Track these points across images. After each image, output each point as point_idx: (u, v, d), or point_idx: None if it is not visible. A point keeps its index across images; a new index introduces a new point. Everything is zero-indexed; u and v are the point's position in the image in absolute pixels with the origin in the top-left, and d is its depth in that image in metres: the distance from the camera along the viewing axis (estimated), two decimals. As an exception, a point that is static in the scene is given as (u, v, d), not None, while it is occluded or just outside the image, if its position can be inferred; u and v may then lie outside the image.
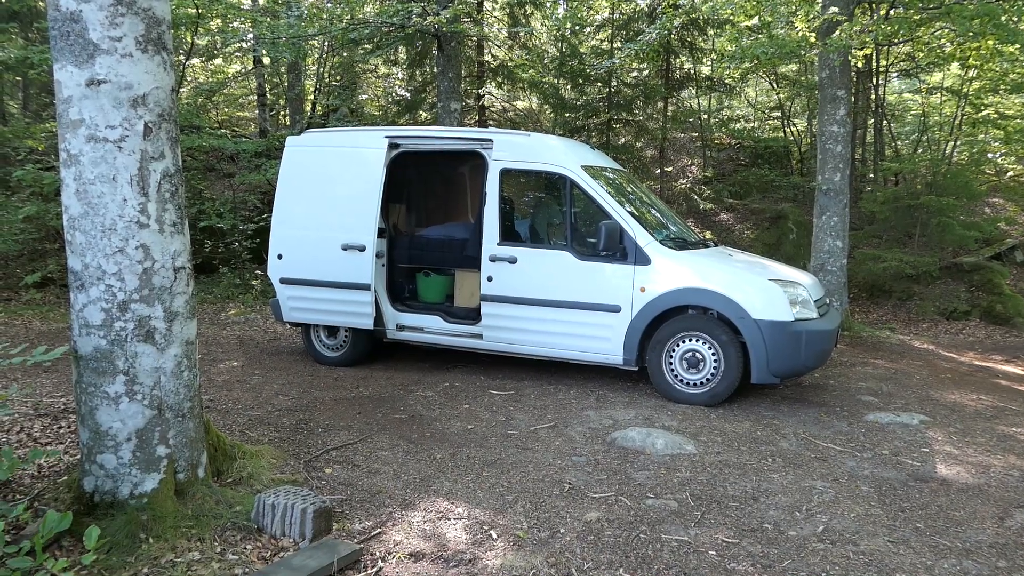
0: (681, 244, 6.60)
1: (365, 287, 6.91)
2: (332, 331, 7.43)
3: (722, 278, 6.07)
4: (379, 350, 7.52)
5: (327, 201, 7.16)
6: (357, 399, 6.18)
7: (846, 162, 10.04)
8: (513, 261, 6.53)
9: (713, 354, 6.03)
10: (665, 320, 6.16)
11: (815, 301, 6.23)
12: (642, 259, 6.18)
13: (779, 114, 17.64)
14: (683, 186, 15.81)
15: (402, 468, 4.62)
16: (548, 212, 7.01)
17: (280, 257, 7.36)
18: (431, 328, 7.09)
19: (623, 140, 14.69)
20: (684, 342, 6.12)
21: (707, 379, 6.06)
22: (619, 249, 6.20)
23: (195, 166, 13.39)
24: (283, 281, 7.35)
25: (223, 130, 15.54)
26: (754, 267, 6.56)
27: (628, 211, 6.38)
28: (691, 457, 4.86)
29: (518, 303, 6.55)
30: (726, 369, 5.98)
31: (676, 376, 6.15)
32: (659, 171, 15.03)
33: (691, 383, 6.10)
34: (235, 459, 4.26)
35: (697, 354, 6.08)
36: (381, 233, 7.17)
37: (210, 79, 18.55)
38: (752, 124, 19.30)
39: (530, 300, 6.51)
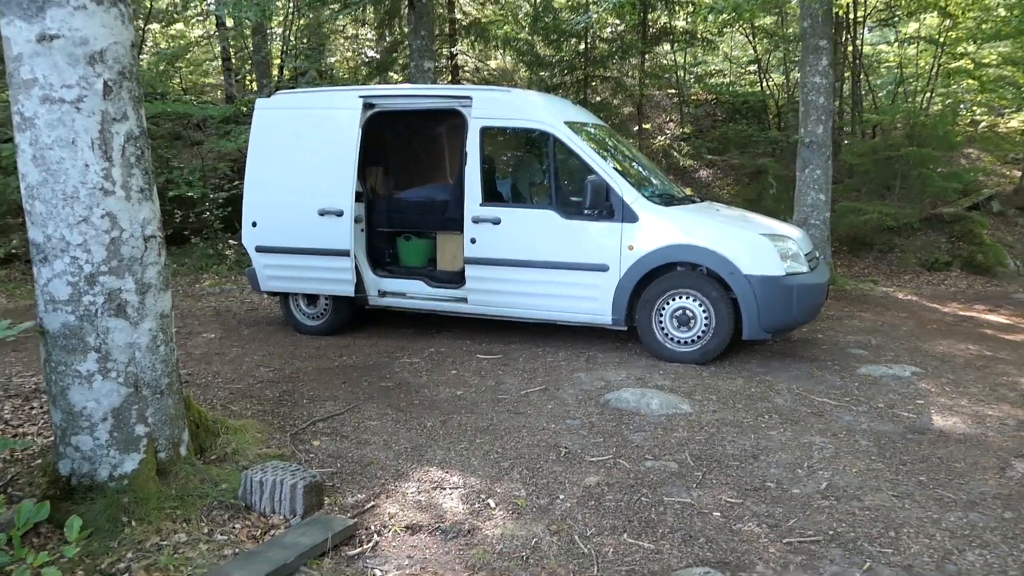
0: (668, 200, 6.45)
1: (344, 253, 6.70)
2: (312, 299, 7.22)
3: (711, 233, 5.94)
4: (361, 317, 7.34)
5: (301, 165, 6.90)
6: (341, 368, 6.02)
7: (829, 114, 9.91)
8: (496, 222, 6.35)
9: (703, 311, 5.93)
10: (654, 278, 6.04)
11: (805, 255, 6.13)
12: (629, 216, 6.02)
13: (755, 68, 17.44)
14: (661, 143, 15.63)
15: (392, 438, 4.48)
16: (531, 171, 6.82)
17: (254, 225, 7.11)
18: (414, 293, 6.92)
19: (600, 97, 14.44)
20: (674, 300, 6.00)
21: (698, 336, 5.96)
22: (605, 207, 6.04)
23: (160, 134, 12.95)
24: (259, 249, 7.11)
25: (188, 96, 15.06)
26: (743, 222, 6.44)
27: (613, 167, 6.21)
28: (687, 416, 4.77)
29: (503, 265, 6.39)
30: (717, 326, 5.89)
31: (667, 335, 6.05)
32: (637, 128, 14.82)
33: (682, 341, 6.01)
34: (218, 435, 4.09)
35: (687, 312, 5.97)
36: (359, 197, 6.94)
37: (171, 45, 17.93)
38: (728, 79, 19.09)
39: (515, 261, 6.35)
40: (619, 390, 5.17)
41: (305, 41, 17.41)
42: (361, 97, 6.77)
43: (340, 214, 6.68)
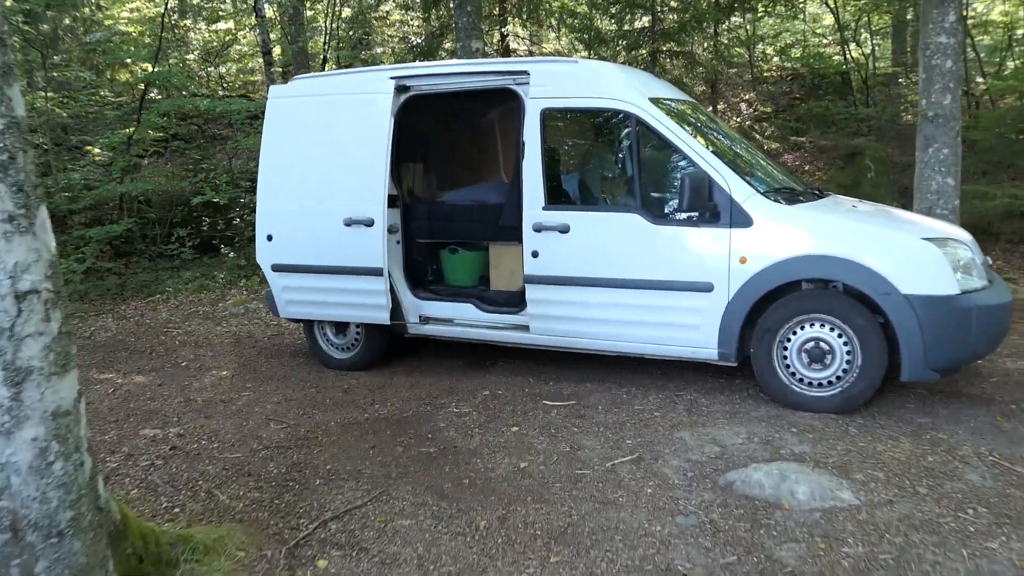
0: (789, 196, 4.95)
1: (376, 272, 5.41)
2: (340, 327, 5.96)
3: (855, 240, 4.45)
4: (399, 346, 6.04)
5: (323, 165, 5.63)
6: (371, 423, 4.73)
7: (958, 80, 8.20)
8: (564, 230, 4.96)
9: (845, 344, 4.44)
10: (774, 300, 4.57)
11: (980, 264, 4.58)
12: (741, 219, 4.56)
13: (837, 39, 15.59)
14: (739, 124, 13.98)
15: (431, 551, 3.15)
16: (608, 163, 5.40)
17: (270, 239, 5.87)
18: (463, 319, 5.58)
19: (670, 76, 12.86)
20: (803, 328, 4.53)
21: (837, 377, 4.48)
22: (708, 207, 4.59)
23: (188, 135, 11.95)
24: (275, 268, 5.87)
25: (231, 96, 14.05)
26: (894, 221, 4.92)
27: (717, 156, 4.74)
28: (853, 513, 3.31)
29: (573, 285, 5.00)
30: (864, 363, 4.39)
31: (793, 374, 4.58)
32: (711, 108, 13.22)
33: (815, 383, 4.53)
34: (177, 565, 2.82)
35: (822, 344, 4.48)
36: (393, 202, 5.64)
37: (213, 41, 17.03)
38: (810, 50, 17.24)
39: (589, 280, 4.95)
40: (745, 468, 3.73)
41: (351, 33, 16.27)
42: (393, 79, 5.45)
43: (370, 224, 5.39)
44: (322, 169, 5.63)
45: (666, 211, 4.85)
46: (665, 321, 4.82)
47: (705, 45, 12.94)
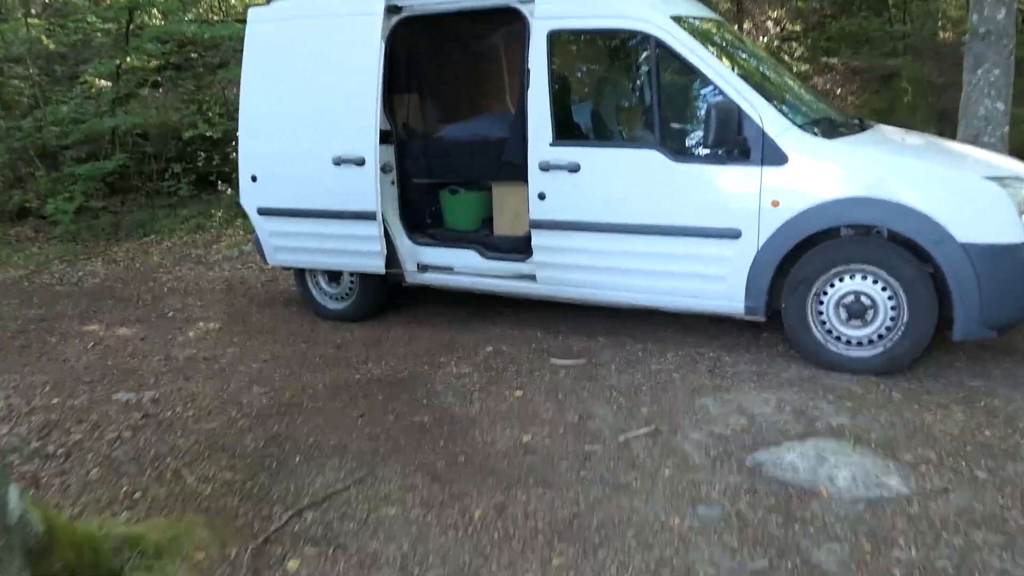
0: (828, 129, 4.36)
1: (369, 215, 4.93)
2: (334, 275, 5.52)
3: (903, 179, 3.89)
4: (398, 295, 5.60)
5: (308, 97, 5.10)
6: (363, 385, 4.33)
7: (1014, -8, 7.39)
8: (575, 169, 4.43)
9: (890, 297, 3.93)
10: (809, 248, 4.05)
11: (1048, 206, 4.02)
12: (773, 156, 4.00)
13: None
14: (766, 45, 13.09)
15: (417, 549, 2.77)
16: (623, 92, 4.80)
17: (254, 179, 5.39)
18: (464, 267, 5.11)
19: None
20: (841, 280, 4.02)
21: (879, 335, 3.99)
22: (737, 142, 4.03)
23: (188, 63, 11.32)
24: (261, 212, 5.41)
25: (215, 18, 13.28)
26: (950, 157, 4.33)
27: (747, 83, 4.14)
28: (903, 505, 2.87)
29: (584, 230, 4.50)
30: (911, 320, 3.89)
31: (829, 332, 4.09)
32: (736, 27, 12.34)
33: (854, 342, 4.04)
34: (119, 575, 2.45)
35: (863, 298, 3.98)
36: (386, 138, 5.11)
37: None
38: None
39: (602, 225, 4.44)
40: (777, 447, 3.28)
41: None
42: (383, -3, 4.84)
43: (361, 162, 4.88)
44: (307, 102, 5.10)
45: (689, 147, 4.30)
46: (686, 271, 4.32)
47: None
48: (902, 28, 13.34)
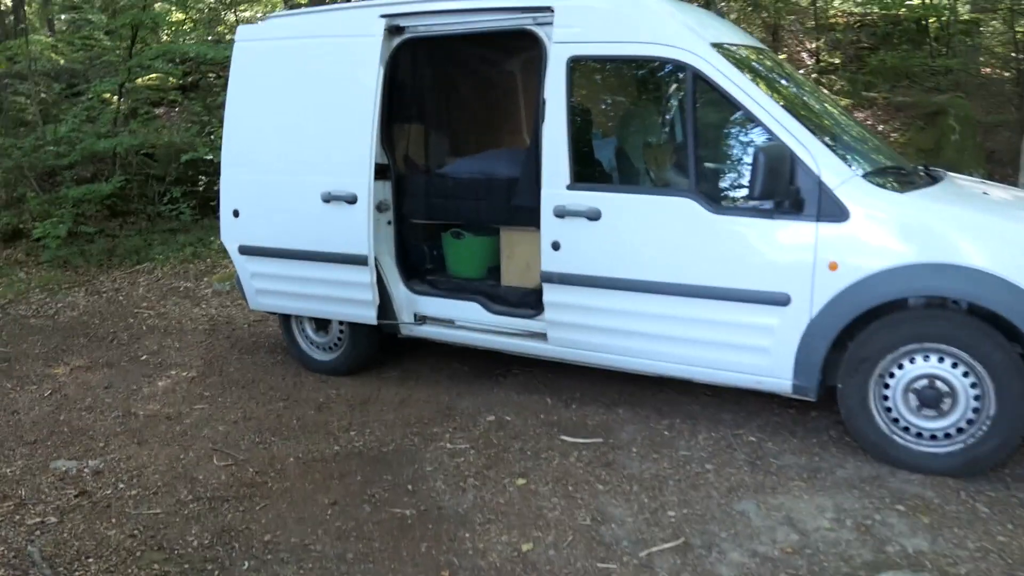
0: (897, 179, 3.72)
1: (360, 260, 4.35)
2: (321, 323, 4.92)
3: (990, 242, 3.25)
4: (394, 344, 4.99)
5: (297, 125, 4.55)
6: (340, 460, 3.70)
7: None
8: (595, 216, 3.81)
9: (972, 384, 3.26)
10: (874, 320, 3.39)
11: None
12: (832, 210, 3.36)
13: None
14: (806, 77, 12.46)
15: None
16: (653, 129, 4.20)
17: (236, 214, 4.84)
18: (466, 321, 4.48)
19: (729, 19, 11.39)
20: (912, 361, 3.35)
21: (959, 429, 3.31)
22: (789, 192, 3.39)
23: (197, 84, 10.93)
24: (243, 251, 4.84)
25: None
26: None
27: (801, 123, 3.52)
28: None
29: (604, 287, 3.87)
30: (999, 412, 3.21)
31: (896, 420, 3.42)
32: (771, 60, 11.73)
33: (926, 435, 3.37)
34: None
35: (938, 383, 3.31)
36: (383, 173, 4.53)
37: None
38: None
39: (625, 283, 3.81)
40: (841, 581, 2.62)
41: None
42: (384, 17, 4.30)
43: (353, 200, 4.31)
44: (296, 130, 4.55)
45: (729, 195, 3.68)
46: (723, 340, 3.67)
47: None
48: (944, 63, 12.71)
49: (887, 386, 3.41)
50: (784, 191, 3.37)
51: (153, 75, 11.27)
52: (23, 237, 9.59)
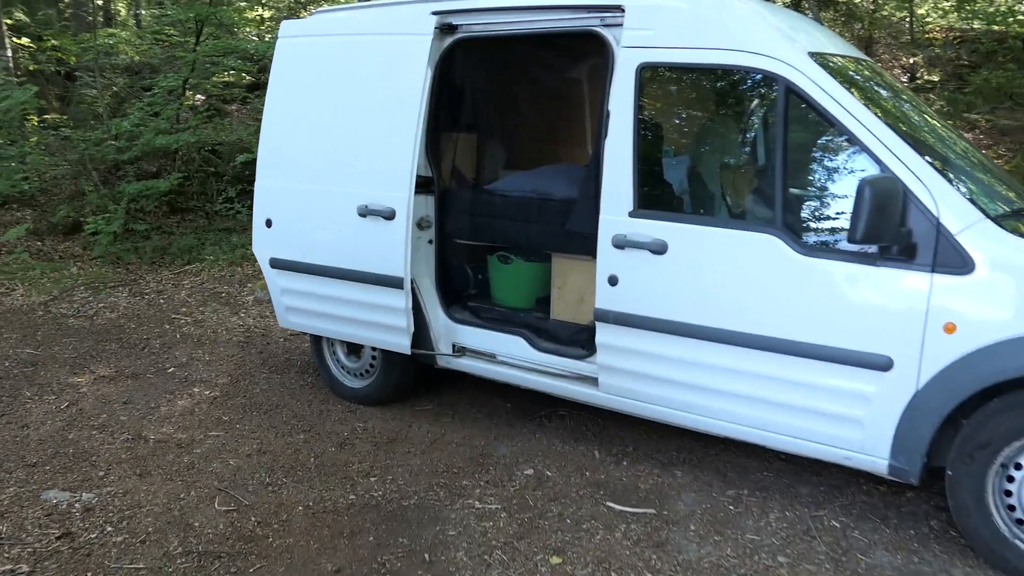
0: (1031, 221, 3.08)
1: (395, 282, 3.91)
2: (353, 346, 4.52)
3: None
4: (431, 374, 4.54)
5: (336, 131, 4.15)
6: (354, 514, 3.26)
7: None
8: (660, 250, 3.28)
9: None
10: (997, 397, 2.76)
11: None
12: (952, 259, 2.75)
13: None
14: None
15: None
16: (734, 152, 3.63)
17: (269, 224, 4.46)
18: (509, 356, 4.00)
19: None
20: (1044, 451, 2.72)
21: (1105, 541, 2.66)
22: (899, 235, 2.80)
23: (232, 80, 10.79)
24: (274, 264, 4.46)
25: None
26: None
27: (918, 152, 2.91)
28: None
29: (668, 332, 3.33)
30: None
31: (1021, 523, 2.78)
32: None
33: (1060, 544, 2.72)
34: None
35: (1080, 482, 2.67)
36: (426, 186, 4.09)
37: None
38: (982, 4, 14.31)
39: (693, 329, 3.26)
40: None
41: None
42: (436, 14, 3.85)
43: (391, 216, 3.88)
44: (335, 137, 4.15)
45: (824, 234, 3.08)
46: (807, 405, 3.09)
47: (864, -6, 10.60)
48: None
49: (1011, 479, 2.78)
50: (893, 233, 2.77)
51: (227, 72, 11.19)
52: (82, 231, 9.56)
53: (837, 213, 3.04)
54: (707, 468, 3.66)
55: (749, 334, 3.13)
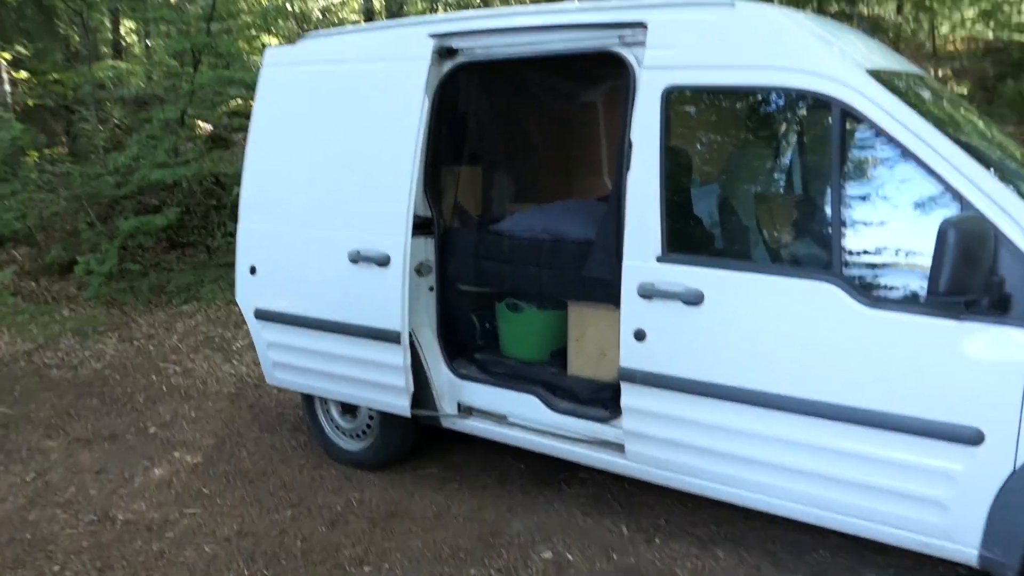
0: None
1: (391, 336, 3.46)
2: (349, 406, 4.06)
3: None
4: (434, 434, 4.06)
5: (324, 168, 3.73)
6: (342, 618, 2.79)
7: None
8: (695, 300, 2.81)
9: None
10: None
11: None
12: (1055, 314, 2.27)
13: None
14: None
15: None
16: (779, 186, 3.17)
17: (253, 272, 4.03)
18: (522, 418, 3.52)
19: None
20: None
21: None
22: (989, 286, 2.31)
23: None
24: (259, 315, 4.02)
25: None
26: None
27: (1009, 187, 2.44)
28: None
29: (706, 395, 2.85)
30: None
31: None
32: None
33: None
34: None
35: None
36: (425, 227, 3.65)
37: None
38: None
39: (736, 393, 2.78)
40: None
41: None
42: (433, 37, 3.42)
43: (385, 262, 3.44)
44: (323, 175, 3.73)
45: (893, 284, 2.59)
46: (876, 483, 2.60)
47: (888, 6, 10.17)
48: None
49: None
50: (982, 283, 2.29)
51: (235, 99, 10.88)
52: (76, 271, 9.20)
53: (908, 258, 2.56)
54: (753, 546, 3.17)
55: (803, 399, 2.65)
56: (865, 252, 2.62)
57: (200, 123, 10.89)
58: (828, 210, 2.63)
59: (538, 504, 3.58)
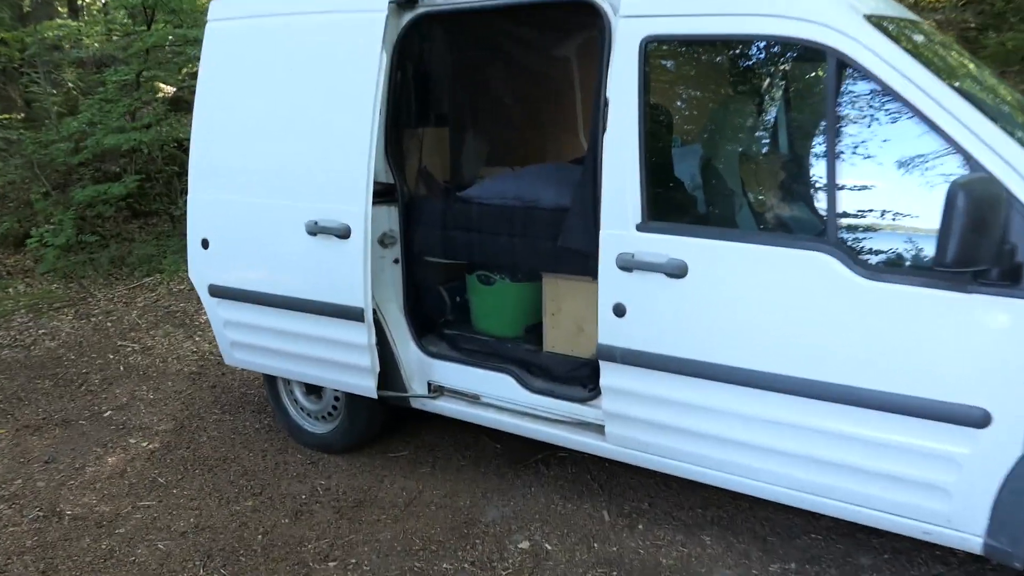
0: None
1: (354, 314, 3.21)
2: (313, 387, 3.83)
3: None
4: (405, 414, 3.85)
5: (276, 133, 3.42)
6: (304, 622, 2.59)
7: None
8: (678, 272, 2.58)
9: None
10: None
11: None
12: (1070, 283, 2.07)
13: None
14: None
15: None
16: (769, 147, 2.93)
17: (205, 245, 3.75)
18: (496, 398, 3.31)
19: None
20: None
21: None
22: (1000, 255, 2.10)
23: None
24: (213, 292, 3.75)
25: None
26: None
27: (1020, 143, 2.21)
28: None
29: (691, 374, 2.64)
30: None
31: None
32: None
33: None
34: None
35: None
36: (388, 194, 3.39)
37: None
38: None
39: (724, 371, 2.58)
40: None
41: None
42: (390, -15, 3.12)
43: (345, 234, 3.17)
44: (277, 139, 3.43)
45: (894, 253, 2.37)
46: (875, 467, 2.41)
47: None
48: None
49: None
50: (992, 252, 2.08)
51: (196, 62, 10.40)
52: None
53: (911, 223, 2.35)
54: (742, 531, 3.00)
55: (796, 378, 2.45)
56: (863, 218, 2.40)
57: (161, 85, 10.41)
58: (822, 172, 2.40)
59: (515, 488, 3.40)
